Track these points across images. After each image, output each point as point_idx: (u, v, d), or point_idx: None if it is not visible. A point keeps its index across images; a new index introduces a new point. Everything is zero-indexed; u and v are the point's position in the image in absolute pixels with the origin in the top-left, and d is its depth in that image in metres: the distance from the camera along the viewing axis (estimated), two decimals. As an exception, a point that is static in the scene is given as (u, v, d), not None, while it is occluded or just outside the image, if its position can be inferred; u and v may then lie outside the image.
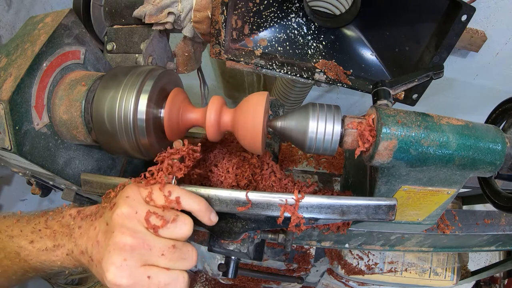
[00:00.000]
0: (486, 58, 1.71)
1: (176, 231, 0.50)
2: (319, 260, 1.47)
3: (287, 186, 0.79)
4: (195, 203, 0.53)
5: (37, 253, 0.54)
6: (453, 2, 0.80)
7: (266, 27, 0.94)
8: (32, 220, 0.57)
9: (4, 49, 0.64)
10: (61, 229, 0.54)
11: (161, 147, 0.67)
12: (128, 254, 0.46)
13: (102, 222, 0.51)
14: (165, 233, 0.49)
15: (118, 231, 0.47)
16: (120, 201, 0.50)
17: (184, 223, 0.50)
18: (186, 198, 0.52)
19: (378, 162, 0.61)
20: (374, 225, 0.90)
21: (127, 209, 0.49)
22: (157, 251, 0.48)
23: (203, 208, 0.54)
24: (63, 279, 2.13)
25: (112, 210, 0.50)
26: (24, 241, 0.55)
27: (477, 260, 2.28)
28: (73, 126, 0.66)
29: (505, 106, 0.76)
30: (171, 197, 0.51)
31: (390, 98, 0.67)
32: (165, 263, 0.48)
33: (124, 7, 0.87)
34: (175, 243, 0.49)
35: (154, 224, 0.48)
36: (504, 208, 0.75)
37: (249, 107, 0.62)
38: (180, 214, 0.51)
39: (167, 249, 0.48)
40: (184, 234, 0.50)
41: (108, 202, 0.53)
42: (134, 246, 0.46)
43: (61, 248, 0.53)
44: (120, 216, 0.48)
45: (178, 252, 0.49)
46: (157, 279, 0.47)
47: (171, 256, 0.48)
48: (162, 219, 0.49)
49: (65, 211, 0.57)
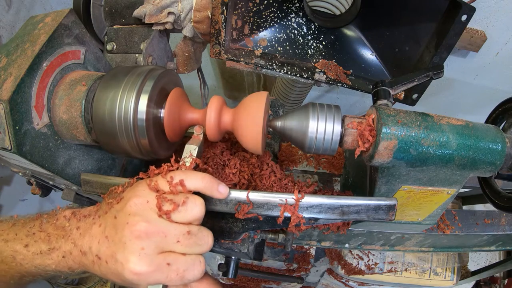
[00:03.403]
0: (486, 58, 1.72)
1: (188, 214, 0.50)
2: (319, 260, 1.47)
3: (287, 186, 0.79)
4: (199, 180, 0.52)
5: (32, 257, 0.54)
6: (453, 2, 0.80)
7: (266, 27, 0.94)
8: (27, 224, 0.57)
9: (4, 49, 0.64)
10: (56, 231, 0.54)
11: (161, 147, 0.67)
12: (145, 243, 0.46)
13: (109, 217, 0.50)
14: (178, 217, 0.49)
15: (132, 220, 0.47)
16: (130, 194, 0.50)
17: (195, 204, 0.50)
18: (189, 178, 0.52)
19: (378, 162, 0.61)
20: (374, 225, 0.90)
21: (138, 199, 0.49)
22: (172, 237, 0.48)
23: (208, 183, 0.53)
24: (63, 279, 2.13)
25: (121, 203, 0.50)
26: (19, 245, 0.55)
27: (477, 260, 2.28)
28: (73, 126, 0.66)
29: (505, 106, 0.76)
30: (174, 181, 0.51)
31: (390, 98, 0.67)
32: (181, 249, 0.48)
33: (124, 7, 0.87)
34: (190, 229, 0.49)
35: (166, 210, 0.48)
36: (504, 208, 0.75)
37: (249, 107, 0.62)
38: (189, 195, 0.51)
39: (182, 236, 0.48)
40: (197, 215, 0.50)
41: (114, 197, 0.53)
42: (149, 233, 0.47)
43: (56, 251, 0.53)
44: (133, 206, 0.48)
45: (193, 237, 0.49)
46: (176, 265, 0.47)
47: (187, 242, 0.48)
48: (172, 203, 0.49)
49: (59, 213, 0.56)
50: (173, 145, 0.73)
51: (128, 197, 0.50)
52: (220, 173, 0.75)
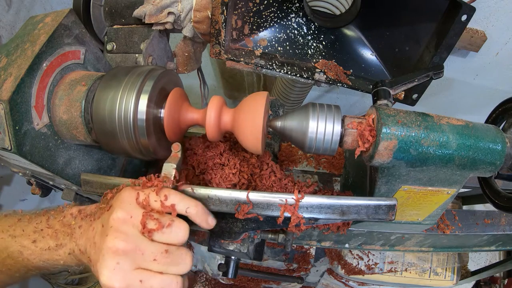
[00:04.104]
0: (486, 58, 1.71)
1: (171, 236, 0.49)
2: (319, 260, 1.47)
3: (287, 186, 0.79)
4: (192, 208, 0.52)
5: (40, 253, 0.55)
6: (453, 2, 0.80)
7: (266, 27, 0.94)
8: (34, 219, 0.58)
9: (4, 49, 0.64)
10: (63, 228, 0.55)
11: (161, 147, 0.67)
12: (121, 258, 0.46)
13: (99, 224, 0.51)
14: (160, 237, 0.49)
15: (112, 235, 0.47)
16: (116, 205, 0.50)
17: (179, 228, 0.50)
18: (182, 202, 0.52)
19: (378, 162, 0.61)
20: (374, 225, 0.90)
21: (122, 213, 0.49)
22: (149, 255, 0.48)
23: (199, 213, 0.53)
24: (63, 279, 2.13)
25: (109, 212, 0.50)
26: (27, 240, 0.55)
27: (477, 260, 2.28)
28: (73, 126, 0.66)
29: (505, 106, 0.76)
30: (167, 202, 0.51)
31: (390, 98, 0.67)
32: (158, 267, 0.48)
33: (124, 7, 0.87)
34: (168, 248, 0.49)
35: (149, 228, 0.48)
36: (504, 208, 0.75)
37: (249, 107, 0.62)
38: (176, 219, 0.51)
39: (159, 254, 0.48)
40: (179, 240, 0.50)
41: (105, 203, 0.54)
42: (126, 250, 0.47)
43: (63, 247, 0.54)
44: (116, 220, 0.48)
45: (171, 256, 0.49)
46: (149, 283, 0.47)
47: (164, 261, 0.48)
48: (158, 222, 0.49)
49: (67, 210, 0.57)
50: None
51: (113, 207, 0.50)
52: (220, 173, 0.75)
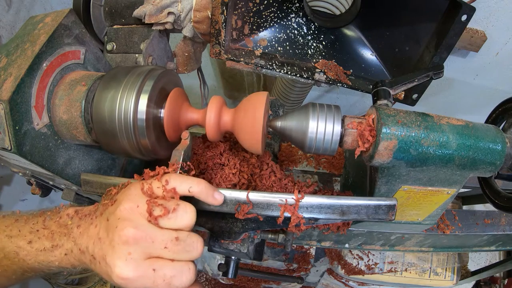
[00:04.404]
0: (486, 58, 1.71)
1: (177, 221, 0.49)
2: (319, 260, 1.47)
3: (287, 186, 0.79)
4: (194, 186, 0.52)
5: (36, 253, 0.54)
6: (453, 2, 0.80)
7: (266, 27, 0.94)
8: (30, 220, 0.57)
9: (4, 49, 0.64)
10: (59, 229, 0.54)
11: (161, 147, 0.67)
12: (132, 248, 0.46)
13: (103, 219, 0.51)
14: (167, 223, 0.49)
15: (121, 225, 0.47)
16: (122, 197, 0.50)
17: (185, 212, 0.50)
18: (184, 183, 0.51)
19: (378, 162, 0.61)
20: (374, 225, 0.90)
21: (129, 203, 0.49)
22: (160, 243, 0.48)
23: (204, 189, 0.53)
24: (63, 279, 2.13)
25: (114, 205, 0.50)
26: (23, 241, 0.55)
27: (477, 260, 2.28)
28: (73, 126, 0.66)
29: (505, 106, 0.76)
30: (169, 186, 0.51)
31: (390, 98, 0.67)
32: (169, 255, 0.48)
33: (124, 7, 0.87)
34: (178, 235, 0.49)
35: (155, 215, 0.48)
36: (504, 208, 0.75)
37: (249, 107, 0.62)
38: (181, 203, 0.50)
39: (169, 242, 0.48)
40: (186, 223, 0.50)
41: (109, 199, 0.54)
42: (137, 238, 0.47)
43: (59, 248, 0.53)
44: (123, 211, 0.48)
45: (181, 243, 0.49)
46: (162, 271, 0.47)
47: (175, 248, 0.48)
48: (163, 208, 0.49)
49: (63, 211, 0.56)
50: (173, 145, 0.73)
51: (120, 200, 0.50)
52: (220, 173, 0.75)
